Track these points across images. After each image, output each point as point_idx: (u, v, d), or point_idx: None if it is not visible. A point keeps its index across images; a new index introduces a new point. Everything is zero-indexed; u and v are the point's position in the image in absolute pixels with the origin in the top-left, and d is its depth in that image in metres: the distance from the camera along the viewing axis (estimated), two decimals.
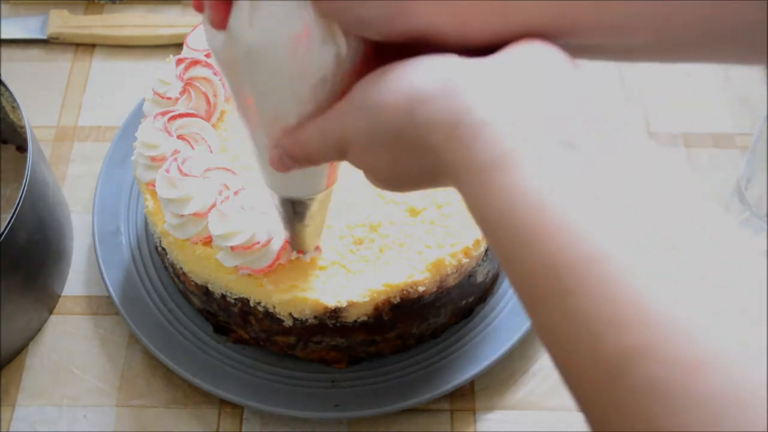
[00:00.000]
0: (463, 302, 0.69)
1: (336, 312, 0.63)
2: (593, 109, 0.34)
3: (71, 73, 0.90)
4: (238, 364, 0.69)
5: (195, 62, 0.70)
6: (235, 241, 0.61)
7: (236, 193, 0.63)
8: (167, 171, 0.64)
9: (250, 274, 0.63)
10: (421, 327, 0.68)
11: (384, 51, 0.40)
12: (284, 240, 0.62)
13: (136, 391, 0.71)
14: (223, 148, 0.70)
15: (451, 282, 0.65)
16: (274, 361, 0.70)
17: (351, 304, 0.63)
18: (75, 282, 0.77)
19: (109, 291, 0.72)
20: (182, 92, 0.69)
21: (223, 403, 0.70)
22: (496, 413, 0.70)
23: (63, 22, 0.91)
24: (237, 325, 0.69)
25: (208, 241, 0.64)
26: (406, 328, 0.67)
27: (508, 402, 0.70)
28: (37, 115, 0.84)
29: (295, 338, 0.67)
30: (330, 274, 0.64)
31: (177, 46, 0.88)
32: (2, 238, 0.64)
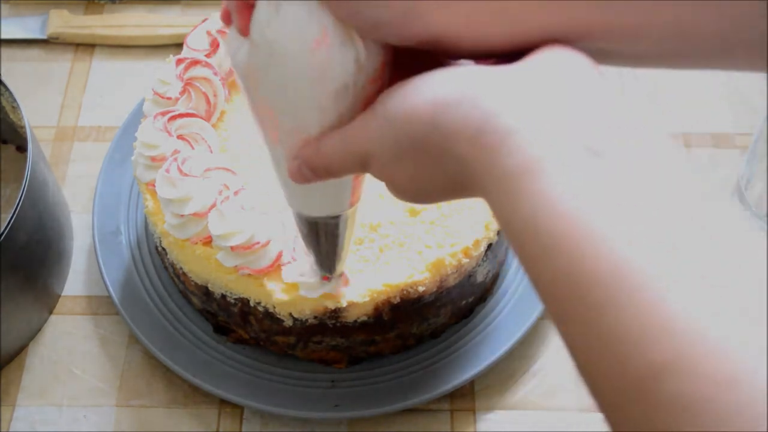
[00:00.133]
0: (463, 302, 0.69)
1: (336, 312, 0.63)
2: (619, 116, 0.34)
3: (71, 73, 0.90)
4: (238, 364, 0.69)
5: (195, 62, 0.70)
6: (235, 241, 0.61)
7: (236, 193, 0.63)
8: (167, 171, 0.64)
9: (250, 274, 0.63)
10: (421, 327, 0.68)
11: (406, 65, 0.40)
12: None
13: (136, 391, 0.71)
14: (223, 148, 0.70)
15: (451, 282, 0.65)
16: (274, 361, 0.70)
17: (351, 304, 0.63)
18: (75, 282, 0.77)
19: (109, 291, 0.72)
20: (182, 92, 0.69)
21: (223, 403, 0.70)
22: (496, 413, 0.69)
23: (63, 22, 0.92)
24: (237, 325, 0.69)
25: (208, 241, 0.64)
26: (406, 328, 0.67)
27: (508, 402, 0.70)
28: (37, 115, 0.84)
29: (295, 338, 0.67)
30: None
31: (177, 46, 0.88)
32: (2, 238, 0.64)
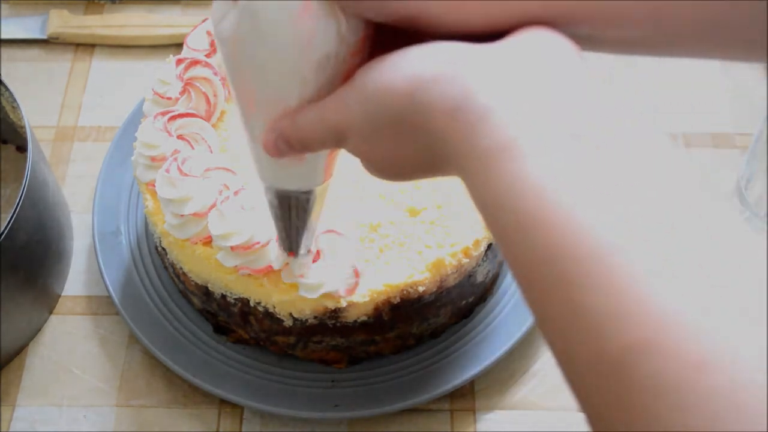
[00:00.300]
0: (463, 302, 0.69)
1: (336, 312, 0.63)
2: (599, 100, 0.34)
3: (71, 73, 0.90)
4: (238, 364, 0.69)
5: (195, 62, 0.70)
6: (235, 241, 0.61)
7: (236, 193, 0.63)
8: (167, 171, 0.64)
9: (250, 274, 0.63)
10: (421, 327, 0.68)
11: (387, 42, 0.40)
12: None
13: (136, 391, 0.71)
14: (223, 148, 0.70)
15: (451, 282, 0.65)
16: (274, 361, 0.70)
17: (351, 304, 0.63)
18: (75, 282, 0.77)
19: (109, 291, 0.72)
20: (182, 92, 0.69)
21: (223, 403, 0.70)
22: (496, 413, 0.69)
23: (63, 22, 0.91)
24: (237, 325, 0.69)
25: (208, 241, 0.64)
26: (406, 328, 0.67)
27: (508, 402, 0.70)
28: (37, 115, 0.84)
29: (295, 338, 0.67)
30: None
31: (177, 46, 0.88)
32: (2, 238, 0.64)
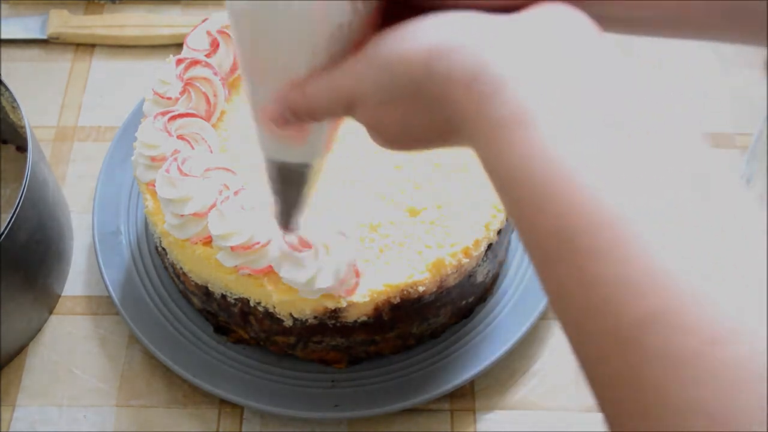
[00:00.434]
0: (463, 302, 0.69)
1: (336, 312, 0.63)
2: (616, 73, 0.34)
3: (71, 73, 0.90)
4: (238, 364, 0.69)
5: (195, 62, 0.70)
6: (235, 241, 0.61)
7: (236, 193, 0.63)
8: (167, 171, 0.64)
9: (250, 274, 0.63)
10: (421, 327, 0.68)
11: (395, 13, 0.39)
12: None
13: (136, 391, 0.71)
14: (223, 148, 0.70)
15: (451, 282, 0.65)
16: (274, 361, 0.70)
17: (351, 304, 0.63)
18: (75, 282, 0.77)
19: (109, 291, 0.72)
20: (182, 92, 0.69)
21: (223, 403, 0.70)
22: (496, 413, 0.69)
23: (63, 22, 0.91)
24: (237, 325, 0.69)
25: (208, 241, 0.64)
26: (406, 328, 0.67)
27: (508, 402, 0.70)
28: (37, 115, 0.84)
29: (295, 338, 0.67)
30: None
31: (177, 46, 0.88)
32: (2, 238, 0.64)
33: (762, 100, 0.84)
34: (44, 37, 0.91)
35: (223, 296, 0.66)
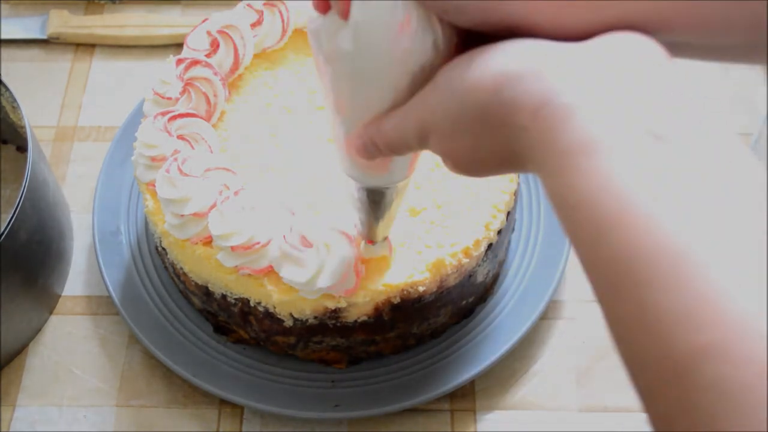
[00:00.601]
0: (463, 302, 0.69)
1: (336, 312, 0.63)
2: (686, 102, 0.34)
3: (71, 73, 0.90)
4: (238, 364, 0.69)
5: (195, 62, 0.70)
6: (235, 241, 0.61)
7: (236, 193, 0.63)
8: (167, 171, 0.64)
9: (250, 274, 0.63)
10: (421, 327, 0.68)
11: (472, 46, 0.40)
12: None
13: (136, 391, 0.71)
14: (223, 148, 0.70)
15: (451, 282, 0.65)
16: (274, 361, 0.70)
17: (351, 304, 0.63)
18: (75, 282, 0.77)
19: (109, 291, 0.72)
20: (182, 92, 0.69)
21: (223, 403, 0.70)
22: (496, 413, 0.69)
23: (63, 22, 0.91)
24: (237, 325, 0.69)
25: (208, 241, 0.64)
26: (406, 328, 0.67)
27: (508, 402, 0.70)
28: (37, 115, 0.84)
29: (295, 338, 0.67)
30: None
31: (177, 46, 0.88)
32: (2, 238, 0.64)
33: (762, 100, 0.84)
34: (44, 37, 0.91)
35: (223, 296, 0.66)
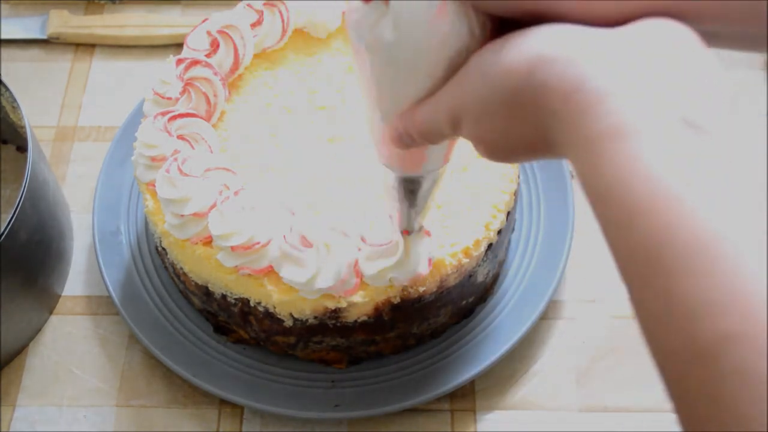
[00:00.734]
0: (463, 302, 0.69)
1: (336, 312, 0.63)
2: (721, 90, 0.34)
3: (71, 73, 0.90)
4: (238, 364, 0.69)
5: (195, 62, 0.70)
6: (235, 241, 0.61)
7: (236, 193, 0.63)
8: (167, 171, 0.64)
9: (250, 274, 0.63)
10: (421, 327, 0.68)
11: (503, 31, 0.40)
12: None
13: (136, 391, 0.71)
14: (223, 148, 0.70)
15: (451, 282, 0.65)
16: (274, 361, 0.70)
17: (351, 304, 0.63)
18: (75, 282, 0.77)
19: (109, 291, 0.72)
20: (182, 92, 0.69)
21: (223, 403, 0.70)
22: (496, 413, 0.69)
23: (63, 22, 0.91)
24: (237, 325, 0.69)
25: (208, 241, 0.64)
26: (407, 328, 0.67)
27: (508, 402, 0.70)
28: (37, 115, 0.84)
29: (295, 338, 0.67)
30: None
31: (177, 46, 0.88)
32: (2, 238, 0.64)
33: (762, 100, 0.84)
34: (44, 37, 0.91)
35: (223, 296, 0.66)
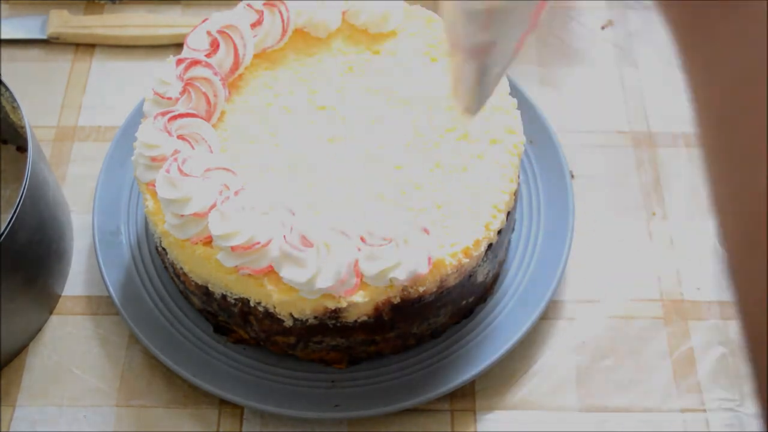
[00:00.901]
0: (463, 302, 0.69)
1: (336, 312, 0.63)
2: None
3: (71, 73, 0.90)
4: (238, 364, 0.69)
5: (195, 62, 0.70)
6: (236, 241, 0.61)
7: (236, 193, 0.63)
8: (167, 171, 0.64)
9: (250, 274, 0.63)
10: (421, 327, 0.68)
11: None
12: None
13: (136, 391, 0.71)
14: (223, 148, 0.70)
15: (451, 282, 0.65)
16: (274, 361, 0.70)
17: (351, 304, 0.63)
18: (75, 282, 0.77)
19: (109, 291, 0.72)
20: (182, 92, 0.69)
21: (223, 403, 0.70)
22: (496, 413, 0.70)
23: (63, 22, 0.92)
24: (237, 325, 0.69)
25: (208, 241, 0.64)
26: (407, 328, 0.67)
27: (508, 402, 0.70)
28: (37, 115, 0.84)
29: (295, 338, 0.67)
30: None
31: (177, 46, 0.88)
32: (2, 238, 0.64)
33: None
34: (44, 37, 0.91)
35: (223, 296, 0.66)
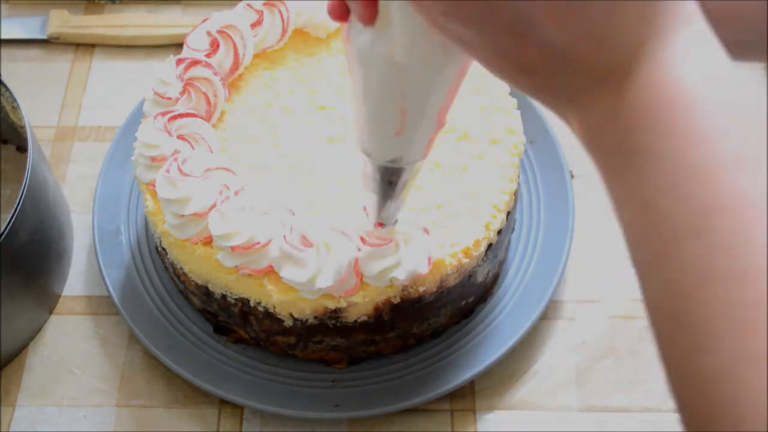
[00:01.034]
0: (464, 302, 0.69)
1: (336, 312, 0.63)
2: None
3: (71, 73, 0.90)
4: (238, 364, 0.69)
5: (195, 62, 0.70)
6: (236, 241, 0.61)
7: (236, 193, 0.63)
8: (167, 171, 0.64)
9: (250, 274, 0.63)
10: (421, 327, 0.68)
11: None
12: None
13: (136, 391, 0.71)
14: (223, 148, 0.70)
15: (451, 282, 0.65)
16: (274, 361, 0.70)
17: (351, 304, 0.63)
18: (75, 282, 0.77)
19: (109, 291, 0.72)
20: (182, 92, 0.69)
21: (223, 403, 0.70)
22: (496, 413, 0.69)
23: (63, 22, 0.92)
24: (237, 325, 0.69)
25: (208, 241, 0.64)
26: (407, 328, 0.67)
27: (508, 402, 0.70)
28: (37, 115, 0.84)
29: (295, 338, 0.67)
30: None
31: (177, 46, 0.88)
32: (2, 238, 0.64)
33: (762, 99, 0.84)
34: (44, 37, 0.91)
35: (223, 296, 0.66)
